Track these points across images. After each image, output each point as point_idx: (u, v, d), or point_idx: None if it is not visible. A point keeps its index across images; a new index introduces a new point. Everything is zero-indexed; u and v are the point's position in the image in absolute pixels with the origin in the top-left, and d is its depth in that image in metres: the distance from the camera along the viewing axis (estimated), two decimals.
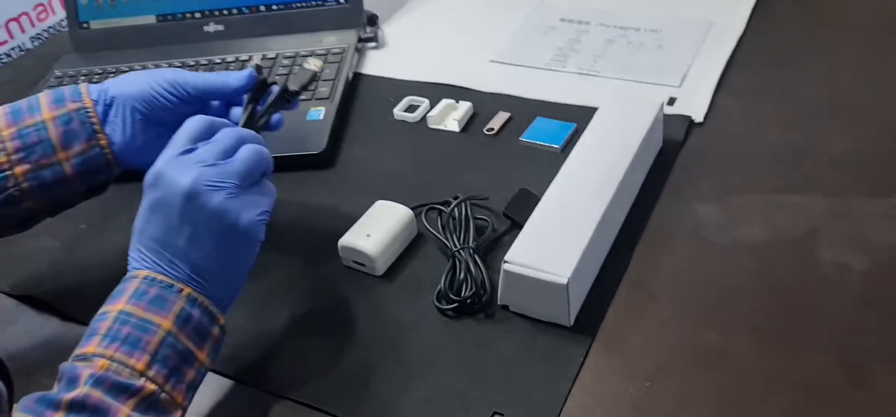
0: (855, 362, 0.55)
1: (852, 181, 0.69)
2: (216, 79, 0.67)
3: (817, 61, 0.86)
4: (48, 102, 0.64)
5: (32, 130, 0.63)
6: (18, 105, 0.64)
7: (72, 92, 0.65)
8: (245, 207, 0.55)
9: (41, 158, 0.63)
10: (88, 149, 0.64)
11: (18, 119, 0.63)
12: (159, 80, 0.66)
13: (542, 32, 0.98)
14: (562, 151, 0.79)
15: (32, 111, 0.64)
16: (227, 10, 1.03)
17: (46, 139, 0.63)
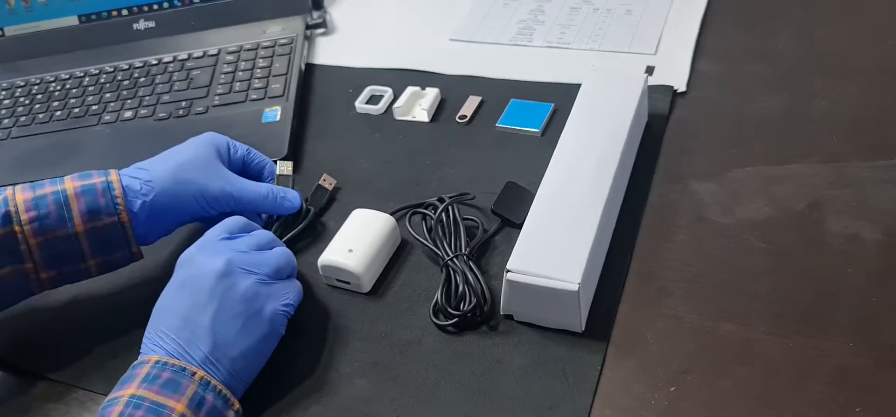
0: (882, 342, 0.53)
1: (848, 144, 0.67)
2: (268, 204, 0.66)
3: (791, 16, 0.83)
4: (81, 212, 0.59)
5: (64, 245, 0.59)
6: (48, 212, 0.58)
7: (107, 204, 0.59)
8: (272, 296, 0.56)
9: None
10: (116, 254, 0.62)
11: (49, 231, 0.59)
12: (207, 197, 0.63)
13: (501, 4, 0.93)
14: (542, 135, 0.74)
15: (64, 224, 0.59)
16: (158, 5, 0.94)
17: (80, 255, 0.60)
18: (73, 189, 0.59)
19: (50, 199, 0.58)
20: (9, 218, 0.57)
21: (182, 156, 0.64)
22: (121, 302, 0.66)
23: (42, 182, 0.60)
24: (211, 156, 0.65)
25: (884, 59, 0.75)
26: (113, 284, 0.66)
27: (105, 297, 0.66)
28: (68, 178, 0.60)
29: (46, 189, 0.59)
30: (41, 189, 0.59)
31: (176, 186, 0.62)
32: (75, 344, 0.63)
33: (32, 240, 0.58)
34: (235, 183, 0.65)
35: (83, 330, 0.64)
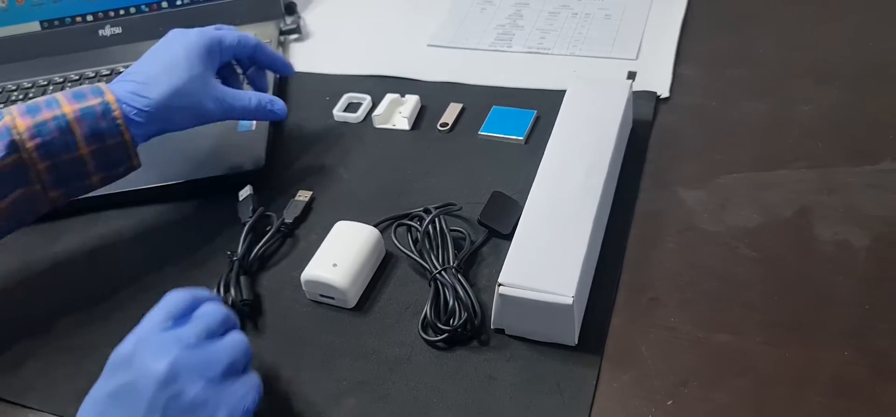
0: (877, 350, 0.52)
1: (833, 149, 0.67)
2: (259, 114, 0.70)
3: (770, 20, 0.83)
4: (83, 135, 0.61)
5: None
6: (51, 138, 0.59)
7: (108, 127, 0.61)
8: (226, 401, 0.47)
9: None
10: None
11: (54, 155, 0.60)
12: (201, 115, 0.66)
13: (478, 9, 0.92)
14: (526, 142, 0.73)
15: (68, 148, 0.60)
16: (124, 10, 0.91)
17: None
18: (73, 113, 0.60)
19: (52, 125, 0.59)
20: (14, 146, 0.58)
21: (176, 77, 0.64)
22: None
23: (37, 104, 0.60)
24: (205, 73, 0.66)
25: (864, 63, 0.76)
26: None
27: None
28: (64, 101, 0.60)
29: (45, 114, 0.59)
30: (39, 114, 0.59)
31: (170, 112, 0.64)
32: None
33: (40, 165, 0.59)
34: (227, 98, 0.67)
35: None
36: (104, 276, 0.67)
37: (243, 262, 0.64)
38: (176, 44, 0.66)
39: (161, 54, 0.66)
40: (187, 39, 0.67)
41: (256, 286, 0.64)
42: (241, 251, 0.64)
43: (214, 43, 0.68)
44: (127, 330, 0.61)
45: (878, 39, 0.78)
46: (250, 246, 0.65)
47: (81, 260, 0.69)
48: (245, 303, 0.61)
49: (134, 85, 0.63)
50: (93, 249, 0.70)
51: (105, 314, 0.64)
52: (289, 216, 0.68)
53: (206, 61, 0.66)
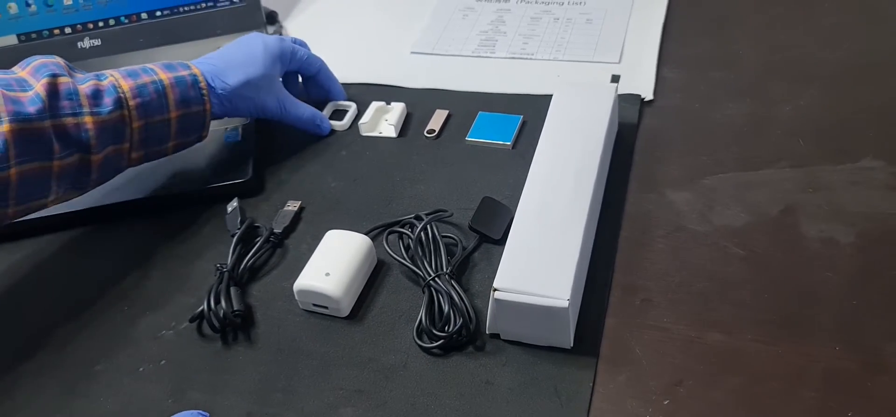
0: (867, 345, 0.53)
1: (815, 148, 0.68)
2: (308, 126, 0.77)
3: (749, 23, 0.84)
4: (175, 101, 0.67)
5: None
6: (150, 99, 0.66)
7: (195, 95, 0.68)
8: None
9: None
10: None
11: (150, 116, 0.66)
12: (263, 110, 0.74)
13: (460, 15, 0.92)
14: (513, 147, 0.73)
15: (162, 110, 0.66)
16: (104, 22, 0.90)
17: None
18: (168, 80, 0.66)
19: (151, 88, 0.65)
20: (120, 103, 0.63)
21: (252, 70, 0.72)
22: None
23: (135, 70, 0.66)
24: (274, 75, 0.74)
25: (841, 63, 0.77)
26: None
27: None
28: (158, 68, 0.67)
29: (144, 78, 0.65)
30: (139, 78, 0.65)
31: (238, 99, 0.71)
32: None
33: (136, 123, 0.65)
34: (287, 103, 0.75)
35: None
36: (93, 290, 0.66)
37: (233, 273, 0.63)
38: (257, 41, 0.74)
39: (242, 47, 0.73)
40: (267, 41, 0.74)
41: (247, 297, 0.63)
42: (230, 262, 0.64)
43: (287, 51, 0.76)
44: (115, 344, 0.61)
45: (853, 40, 0.80)
46: (240, 257, 0.65)
47: (70, 274, 0.68)
48: (236, 314, 0.60)
49: (214, 68, 0.70)
50: (81, 263, 0.69)
51: (95, 329, 0.63)
52: (278, 226, 0.68)
53: (277, 64, 0.74)
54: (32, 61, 0.63)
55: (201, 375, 0.58)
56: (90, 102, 0.62)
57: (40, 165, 0.60)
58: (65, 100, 0.61)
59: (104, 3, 0.89)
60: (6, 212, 0.60)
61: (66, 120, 0.61)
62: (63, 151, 0.61)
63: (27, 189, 0.60)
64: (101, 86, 0.63)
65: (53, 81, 0.61)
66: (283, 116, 0.75)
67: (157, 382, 0.58)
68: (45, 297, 0.66)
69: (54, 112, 0.61)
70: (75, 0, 0.89)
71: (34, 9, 0.88)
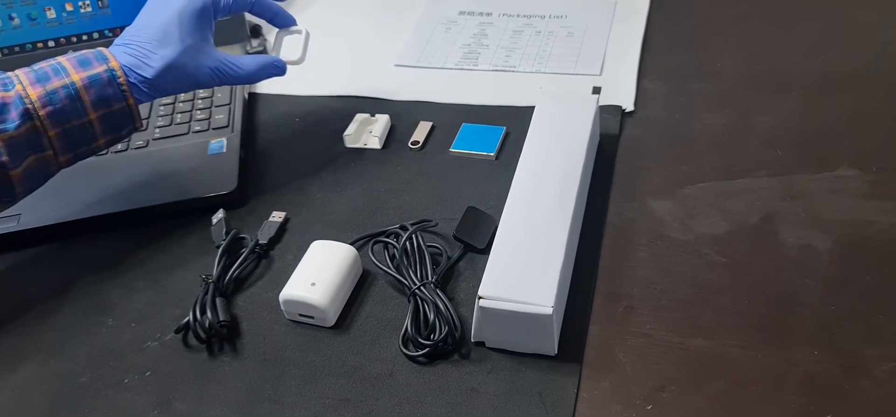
0: (845, 349, 0.54)
1: (793, 157, 0.70)
2: (259, 77, 0.72)
3: (727, 35, 0.86)
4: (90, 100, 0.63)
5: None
6: (62, 106, 0.62)
7: (114, 93, 0.63)
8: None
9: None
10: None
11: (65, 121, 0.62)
12: (200, 83, 0.68)
13: (443, 29, 0.93)
14: (496, 158, 0.74)
15: (78, 114, 0.63)
16: (87, 35, 0.90)
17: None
18: (81, 81, 0.62)
19: (62, 93, 0.61)
20: (28, 115, 0.60)
21: (170, 50, 0.65)
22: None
23: (45, 72, 0.62)
24: (200, 41, 0.67)
25: (818, 75, 0.79)
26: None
27: None
28: (71, 68, 0.62)
29: (55, 82, 0.61)
30: (49, 83, 0.61)
31: (168, 84, 0.66)
32: None
33: (51, 131, 0.61)
34: (223, 68, 0.68)
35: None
36: (77, 303, 0.66)
37: (219, 284, 0.64)
38: (170, 8, 0.66)
39: (154, 20, 0.66)
40: (178, 5, 0.66)
41: (233, 308, 0.63)
42: (216, 273, 0.64)
43: (208, 6, 0.67)
44: (100, 356, 0.61)
45: (829, 52, 0.81)
46: (225, 268, 0.65)
47: (54, 286, 0.68)
48: (222, 325, 0.60)
49: (131, 58, 0.65)
50: (65, 275, 0.69)
51: (80, 341, 0.63)
52: (263, 237, 0.68)
53: (199, 28, 0.67)
54: None
55: (187, 386, 0.58)
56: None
57: None
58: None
59: (88, 17, 0.89)
60: None
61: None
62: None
63: None
64: (7, 99, 0.60)
65: None
66: (225, 83, 0.69)
67: (142, 393, 0.58)
68: (29, 309, 0.66)
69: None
70: (59, 14, 0.89)
71: (17, 22, 0.88)
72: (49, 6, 0.88)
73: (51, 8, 0.88)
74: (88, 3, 0.89)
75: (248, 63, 0.70)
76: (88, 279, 0.68)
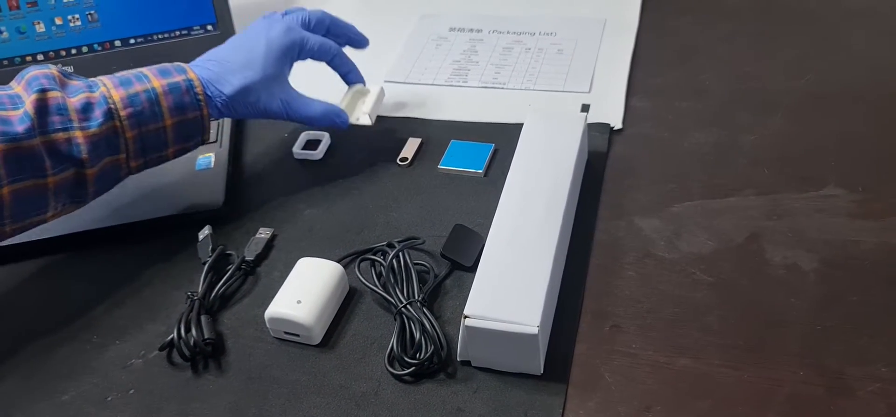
0: (831, 369, 0.54)
1: (779, 176, 0.70)
2: (324, 123, 0.75)
3: (714, 54, 0.86)
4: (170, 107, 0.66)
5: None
6: (142, 108, 0.65)
7: (191, 101, 0.67)
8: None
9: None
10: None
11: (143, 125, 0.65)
12: (267, 114, 0.72)
13: (434, 45, 0.93)
14: (485, 175, 0.74)
15: (155, 118, 0.66)
16: (76, 49, 0.90)
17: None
18: (161, 87, 0.65)
19: (143, 97, 0.64)
20: (110, 115, 0.63)
21: (249, 75, 0.70)
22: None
23: (128, 78, 0.65)
24: (279, 74, 0.72)
25: (804, 94, 0.79)
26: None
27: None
28: (152, 75, 0.66)
29: (136, 87, 0.65)
30: (131, 87, 0.64)
31: (240, 106, 0.70)
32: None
33: (129, 133, 0.64)
34: (293, 103, 0.72)
35: None
36: (61, 318, 0.65)
37: (204, 301, 0.63)
38: (259, 39, 0.71)
39: (244, 46, 0.71)
40: (271, 37, 0.71)
41: (218, 325, 0.63)
42: (201, 290, 0.64)
43: (296, 45, 0.72)
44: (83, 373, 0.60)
45: (816, 71, 0.82)
46: (211, 285, 0.65)
47: (38, 302, 0.67)
48: (207, 343, 0.60)
49: (210, 73, 0.69)
50: (50, 292, 0.68)
51: (63, 358, 0.62)
52: (250, 254, 0.68)
53: (282, 62, 0.71)
54: (28, 73, 0.63)
55: (171, 404, 0.58)
56: (79, 116, 0.62)
57: (34, 183, 0.60)
58: (54, 116, 0.61)
59: (77, 31, 0.89)
60: (3, 230, 0.60)
61: (57, 136, 0.61)
62: (56, 167, 0.61)
63: (23, 206, 0.60)
64: (92, 99, 0.63)
65: (43, 97, 0.61)
66: (291, 118, 0.73)
67: (125, 412, 0.58)
68: (11, 325, 0.66)
69: (44, 129, 0.60)
70: (48, 27, 0.88)
71: (6, 36, 0.88)
72: (38, 20, 0.88)
73: (40, 21, 0.88)
74: (78, 17, 0.89)
75: (316, 106, 0.73)
76: (72, 295, 0.67)
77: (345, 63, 0.78)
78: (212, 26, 0.91)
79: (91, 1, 0.88)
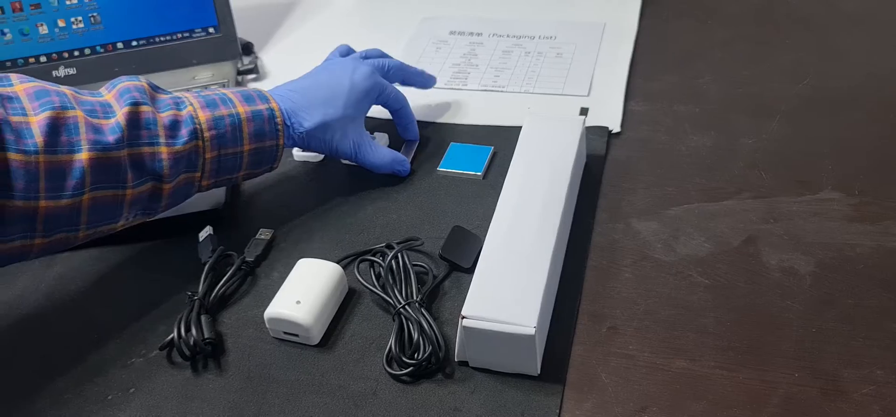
0: (825, 371, 0.55)
1: (776, 180, 0.70)
2: (385, 169, 0.75)
3: (712, 58, 0.87)
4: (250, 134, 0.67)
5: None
6: (225, 132, 0.66)
7: (270, 130, 0.68)
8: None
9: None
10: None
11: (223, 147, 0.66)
12: (338, 153, 0.73)
13: (434, 48, 0.94)
14: (484, 177, 0.75)
15: (235, 143, 0.67)
16: (79, 51, 0.91)
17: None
18: (245, 113, 0.66)
19: (227, 121, 0.65)
20: (195, 134, 0.64)
21: (330, 113, 0.71)
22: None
23: (213, 100, 0.66)
24: (356, 117, 0.73)
25: (800, 99, 0.79)
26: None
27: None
28: (237, 101, 0.67)
29: (222, 110, 0.65)
30: (217, 109, 0.65)
31: (315, 141, 0.71)
32: None
33: (209, 154, 0.65)
34: (363, 147, 0.73)
35: None
36: (61, 317, 0.66)
37: (204, 301, 0.64)
38: (344, 79, 0.73)
39: (329, 82, 0.73)
40: (356, 79, 0.73)
41: (218, 325, 0.64)
42: (201, 290, 0.64)
43: (375, 91, 0.75)
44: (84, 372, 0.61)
45: (812, 76, 0.82)
46: (211, 285, 0.65)
47: (40, 300, 0.68)
48: (207, 343, 0.61)
49: (292, 105, 0.70)
50: (51, 290, 0.69)
51: (63, 356, 0.63)
52: (250, 254, 0.68)
53: (360, 104, 0.73)
54: (119, 83, 0.63)
55: (171, 403, 0.58)
56: (167, 133, 0.62)
57: (114, 193, 0.61)
58: (143, 130, 0.61)
59: (80, 33, 0.90)
60: (76, 236, 0.61)
61: (143, 149, 0.61)
62: (137, 180, 0.61)
63: (99, 214, 0.61)
64: (180, 117, 0.63)
65: (135, 110, 0.61)
66: (357, 160, 0.74)
67: (125, 411, 0.58)
68: (11, 324, 0.66)
69: (132, 141, 0.61)
70: (51, 29, 0.89)
71: (9, 37, 0.88)
72: (41, 22, 0.89)
73: (43, 24, 0.89)
74: (81, 20, 0.90)
75: (383, 154, 0.75)
76: (73, 293, 0.68)
77: (407, 116, 0.79)
78: (213, 29, 0.92)
79: (94, 3, 0.89)
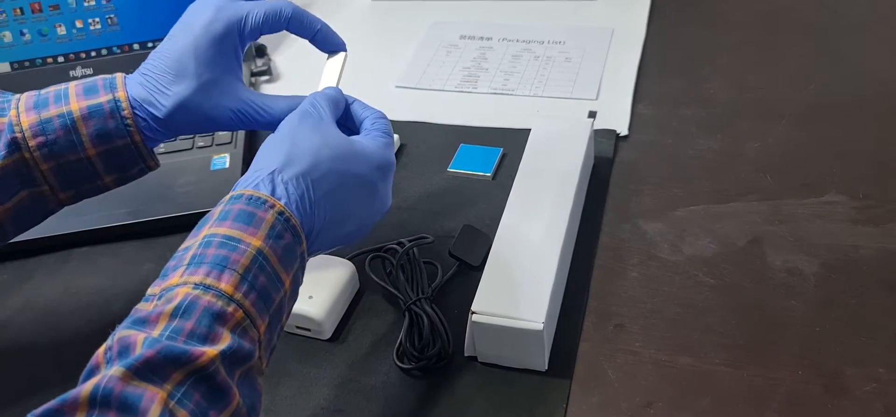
0: (828, 369, 0.56)
1: (781, 183, 0.71)
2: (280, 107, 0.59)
3: (719, 63, 0.88)
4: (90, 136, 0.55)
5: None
6: (56, 137, 0.55)
7: (116, 127, 0.55)
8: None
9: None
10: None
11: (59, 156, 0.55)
12: (219, 124, 0.58)
13: (445, 52, 0.95)
14: (493, 178, 0.76)
15: (74, 148, 0.55)
16: (96, 51, 0.92)
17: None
18: (79, 111, 0.54)
19: (57, 123, 0.54)
20: (16, 145, 0.54)
21: (184, 87, 0.56)
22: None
23: (46, 98, 0.55)
24: (221, 77, 0.57)
25: (806, 103, 0.80)
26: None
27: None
28: (73, 95, 0.55)
29: (52, 110, 0.54)
30: (46, 110, 0.54)
31: (183, 125, 0.57)
32: None
33: (44, 165, 0.55)
34: (248, 110, 0.58)
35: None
36: (79, 315, 0.67)
37: None
38: (186, 36, 0.57)
39: (173, 44, 0.57)
40: (195, 31, 0.56)
41: None
42: None
43: (232, 30, 0.57)
44: None
45: (818, 81, 0.83)
46: None
47: (55, 296, 0.69)
48: None
49: (144, 91, 0.56)
50: (66, 286, 0.70)
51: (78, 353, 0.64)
52: None
53: (219, 60, 0.57)
54: None
55: None
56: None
57: None
58: None
59: (97, 34, 0.91)
60: None
61: None
62: None
63: None
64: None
65: None
66: (250, 127, 0.59)
67: None
68: (27, 320, 0.68)
69: None
70: (69, 30, 0.91)
71: (28, 37, 0.90)
72: (59, 23, 0.91)
73: (61, 24, 0.91)
74: (98, 20, 0.91)
75: (281, 105, 0.58)
76: (90, 290, 0.69)
77: (307, 24, 0.60)
78: None
79: (111, 5, 0.91)
